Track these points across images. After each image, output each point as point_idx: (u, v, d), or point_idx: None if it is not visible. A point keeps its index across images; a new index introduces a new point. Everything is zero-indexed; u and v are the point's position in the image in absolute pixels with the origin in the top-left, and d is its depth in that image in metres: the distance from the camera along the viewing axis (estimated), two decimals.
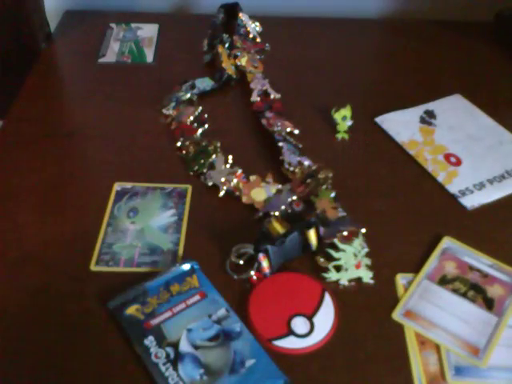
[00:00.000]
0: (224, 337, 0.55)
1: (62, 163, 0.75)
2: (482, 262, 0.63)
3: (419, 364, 0.55)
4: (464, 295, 0.60)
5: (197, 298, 0.58)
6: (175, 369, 0.52)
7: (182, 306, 0.57)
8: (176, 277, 0.60)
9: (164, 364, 0.53)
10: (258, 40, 0.98)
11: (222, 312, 0.57)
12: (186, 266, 0.61)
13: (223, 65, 0.88)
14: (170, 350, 0.54)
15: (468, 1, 1.08)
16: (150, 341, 0.54)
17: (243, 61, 0.90)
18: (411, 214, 0.69)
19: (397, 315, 0.58)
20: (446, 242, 0.66)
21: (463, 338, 0.57)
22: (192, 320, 0.56)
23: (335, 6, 1.09)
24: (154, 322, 0.56)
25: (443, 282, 0.61)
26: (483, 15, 1.03)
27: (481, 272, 0.62)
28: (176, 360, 0.53)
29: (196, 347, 0.54)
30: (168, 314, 0.57)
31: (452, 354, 0.55)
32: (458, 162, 0.76)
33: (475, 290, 0.61)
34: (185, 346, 0.54)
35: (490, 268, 0.63)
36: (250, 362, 0.53)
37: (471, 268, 0.63)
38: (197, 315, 0.57)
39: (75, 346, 0.55)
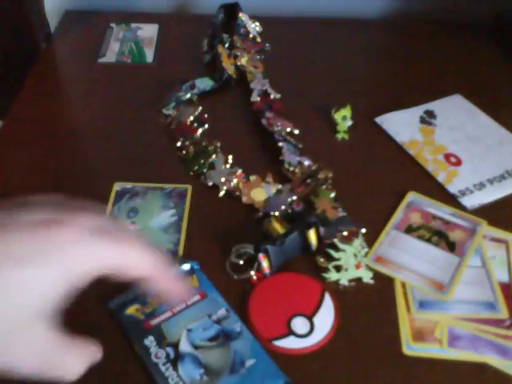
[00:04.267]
0: (224, 337, 0.55)
1: (62, 163, 0.75)
2: (443, 211, 0.69)
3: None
4: (428, 240, 0.65)
5: (197, 297, 0.58)
6: (175, 369, 0.52)
7: (182, 305, 0.57)
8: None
9: (164, 364, 0.53)
10: (258, 40, 0.98)
11: (222, 312, 0.57)
12: (186, 266, 0.61)
13: (223, 65, 0.88)
14: (170, 349, 0.54)
15: (468, 1, 1.08)
16: (150, 341, 0.54)
17: (243, 61, 0.90)
18: None
19: (368, 261, 0.62)
20: (411, 196, 0.70)
21: (429, 277, 0.62)
22: (192, 320, 0.56)
23: (335, 5, 1.09)
24: (154, 322, 0.56)
25: (409, 230, 0.66)
26: (483, 15, 1.03)
27: (443, 220, 0.68)
28: (176, 360, 0.53)
29: (196, 347, 0.54)
30: (168, 314, 0.57)
31: (416, 291, 0.60)
32: (458, 162, 0.76)
33: (438, 236, 0.66)
34: (185, 346, 0.54)
35: (451, 216, 0.68)
36: (249, 362, 0.53)
37: (434, 217, 0.68)
38: (197, 315, 0.57)
39: None
